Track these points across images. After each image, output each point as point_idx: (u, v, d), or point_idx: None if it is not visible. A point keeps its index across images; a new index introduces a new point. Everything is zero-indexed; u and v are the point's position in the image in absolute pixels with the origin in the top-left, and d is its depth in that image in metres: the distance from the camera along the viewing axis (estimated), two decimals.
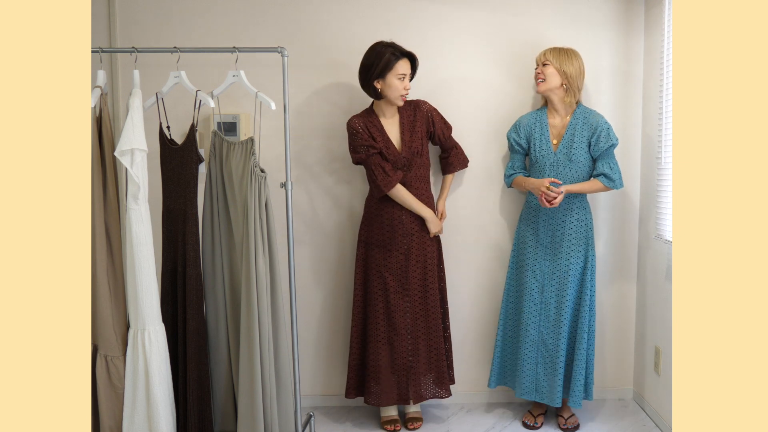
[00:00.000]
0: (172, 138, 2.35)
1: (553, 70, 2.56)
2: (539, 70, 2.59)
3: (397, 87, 2.50)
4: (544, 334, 2.64)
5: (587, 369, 2.65)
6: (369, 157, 2.56)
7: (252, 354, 2.20)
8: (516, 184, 2.74)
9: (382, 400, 2.64)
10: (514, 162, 2.75)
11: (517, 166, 2.74)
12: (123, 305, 2.21)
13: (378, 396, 2.64)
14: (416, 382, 2.65)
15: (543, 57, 2.59)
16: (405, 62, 2.51)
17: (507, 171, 2.78)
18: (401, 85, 2.51)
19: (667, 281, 2.63)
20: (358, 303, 2.70)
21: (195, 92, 2.27)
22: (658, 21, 2.71)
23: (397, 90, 2.51)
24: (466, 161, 2.78)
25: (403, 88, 2.52)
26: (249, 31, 2.83)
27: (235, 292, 2.34)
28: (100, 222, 2.15)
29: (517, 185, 2.73)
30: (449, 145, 2.73)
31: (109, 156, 2.16)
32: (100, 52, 2.21)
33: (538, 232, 2.65)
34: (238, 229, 2.28)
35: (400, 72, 2.49)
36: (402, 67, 2.50)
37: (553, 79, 2.57)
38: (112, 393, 2.19)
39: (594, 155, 2.61)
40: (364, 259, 2.68)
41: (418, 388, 2.66)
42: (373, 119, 2.60)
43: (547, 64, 2.57)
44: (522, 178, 2.68)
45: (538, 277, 2.65)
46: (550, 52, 2.58)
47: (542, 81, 2.58)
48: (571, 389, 2.61)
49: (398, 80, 2.50)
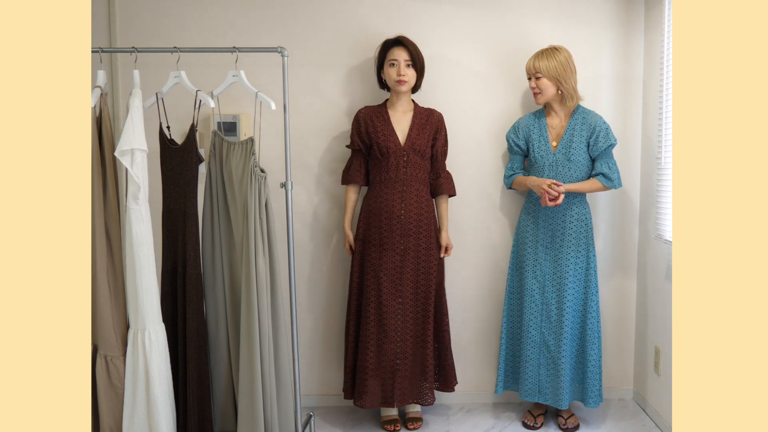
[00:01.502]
0: (172, 138, 2.35)
1: (546, 81, 2.56)
2: (534, 85, 2.58)
3: (390, 74, 2.60)
4: (545, 335, 2.64)
5: (600, 370, 2.65)
6: (353, 150, 2.74)
7: (252, 354, 2.20)
8: (516, 184, 2.74)
9: (366, 402, 2.62)
10: (514, 163, 2.75)
11: (516, 167, 2.75)
12: (123, 305, 2.21)
13: (363, 398, 2.62)
14: (402, 384, 2.64)
15: (533, 69, 2.56)
16: (396, 49, 2.59)
17: (507, 172, 2.78)
18: (394, 71, 2.59)
19: (667, 281, 2.63)
20: (352, 303, 2.70)
21: (195, 92, 2.27)
22: (658, 21, 2.71)
23: (391, 76, 2.59)
24: (454, 188, 2.75)
25: (396, 74, 2.58)
26: (249, 31, 2.83)
27: (235, 292, 2.34)
28: (100, 222, 2.15)
29: (518, 185, 2.73)
30: (440, 166, 2.72)
31: (109, 156, 2.16)
32: (100, 52, 2.21)
33: (538, 233, 2.65)
34: (238, 229, 2.28)
35: (391, 58, 2.59)
36: (392, 53, 2.59)
37: (549, 89, 2.57)
38: (112, 393, 2.19)
39: (593, 155, 2.61)
40: (360, 258, 2.68)
41: (404, 391, 2.64)
42: (381, 111, 2.67)
43: (539, 77, 2.56)
44: (522, 178, 2.68)
45: (539, 278, 2.65)
46: (538, 63, 2.55)
47: (539, 94, 2.58)
48: (587, 390, 2.62)
49: (390, 66, 2.59)
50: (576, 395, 2.70)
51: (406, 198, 2.61)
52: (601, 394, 2.66)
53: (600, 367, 2.64)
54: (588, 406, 2.64)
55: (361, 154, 2.70)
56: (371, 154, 2.67)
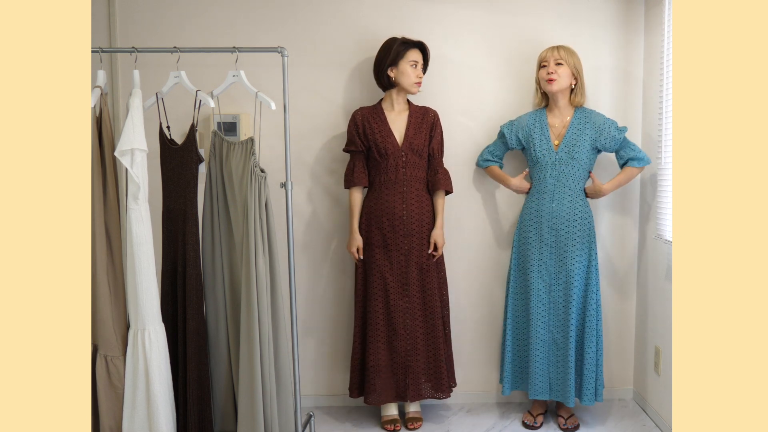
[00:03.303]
0: (172, 138, 2.35)
1: (566, 69, 2.56)
2: (552, 70, 2.56)
3: (409, 74, 2.58)
4: (554, 333, 2.64)
5: (597, 369, 2.65)
6: (352, 153, 2.70)
7: (252, 354, 2.20)
8: (492, 174, 2.79)
9: (381, 398, 2.65)
10: (496, 149, 2.78)
11: (496, 153, 2.78)
12: (123, 305, 2.21)
13: (377, 395, 2.64)
14: (415, 381, 2.65)
15: (556, 55, 2.55)
16: (416, 51, 2.60)
17: (485, 155, 2.80)
18: (414, 72, 2.59)
19: (667, 281, 2.63)
20: (358, 304, 2.70)
21: (195, 92, 2.27)
22: (658, 21, 2.71)
23: (410, 77, 2.59)
24: (451, 185, 2.73)
25: (416, 76, 2.59)
26: (249, 31, 2.83)
27: (235, 292, 2.34)
28: (100, 222, 2.15)
29: (493, 176, 2.79)
30: (437, 163, 2.71)
31: (109, 156, 2.16)
32: (100, 52, 2.21)
33: (542, 232, 2.64)
34: (238, 229, 2.28)
35: (412, 59, 2.58)
36: (413, 55, 2.59)
37: (566, 78, 2.57)
38: (112, 393, 2.19)
39: (612, 149, 2.64)
40: (364, 259, 2.68)
41: (417, 387, 2.66)
42: (377, 112, 2.65)
43: (561, 64, 2.55)
44: (500, 173, 2.76)
45: (545, 277, 2.64)
46: (563, 51, 2.56)
47: (555, 81, 2.55)
48: (584, 388, 2.62)
49: (411, 67, 2.58)
50: (575, 392, 2.69)
51: (407, 199, 2.61)
52: (598, 392, 2.66)
53: (596, 365, 2.64)
54: (583, 403, 2.64)
55: (362, 156, 2.68)
56: (370, 155, 2.67)
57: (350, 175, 2.68)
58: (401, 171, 2.61)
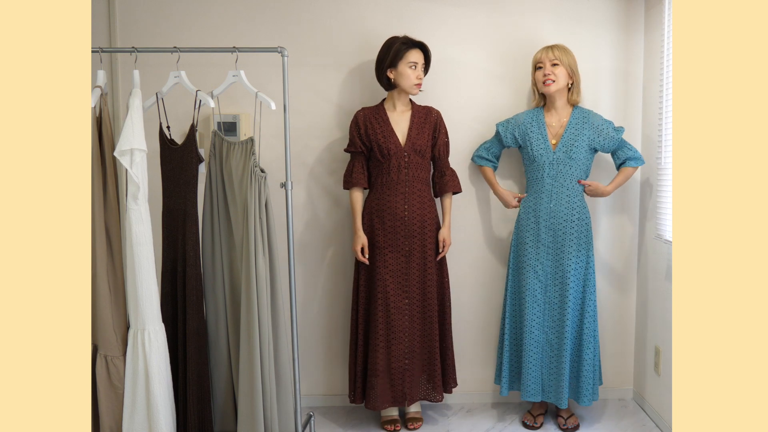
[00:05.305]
0: (172, 138, 2.35)
1: (563, 69, 2.56)
2: (549, 72, 2.57)
3: (408, 75, 2.56)
4: (548, 334, 2.64)
5: (594, 370, 2.65)
6: (352, 153, 2.69)
7: (252, 354, 2.20)
8: (484, 175, 2.82)
9: (378, 403, 2.63)
10: (492, 146, 2.78)
11: (492, 151, 2.79)
12: (123, 305, 2.21)
13: (375, 399, 2.62)
14: (412, 383, 2.64)
15: (551, 56, 2.56)
16: (416, 52, 2.57)
17: (480, 151, 2.80)
18: (413, 73, 2.56)
19: (667, 281, 2.63)
20: (359, 306, 2.69)
21: (195, 92, 2.27)
22: (658, 21, 2.71)
23: (409, 78, 2.56)
24: (459, 185, 2.73)
25: (416, 77, 2.57)
26: (249, 31, 2.83)
27: (235, 292, 2.34)
28: (100, 222, 2.15)
29: (485, 177, 2.82)
30: (444, 164, 2.72)
31: (109, 156, 2.16)
32: (100, 52, 2.21)
33: (539, 233, 2.64)
34: (238, 229, 2.28)
35: (411, 60, 2.55)
36: (413, 55, 2.56)
37: (563, 78, 2.58)
38: (112, 393, 2.19)
39: (609, 150, 2.65)
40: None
41: (414, 390, 2.65)
42: (380, 112, 2.64)
43: (557, 64, 2.56)
44: (491, 177, 2.78)
45: (541, 278, 2.65)
46: (557, 50, 2.57)
47: (552, 82, 2.56)
48: (581, 389, 2.62)
49: (409, 68, 2.56)
50: (571, 393, 2.69)
51: (409, 199, 2.60)
52: (595, 393, 2.66)
53: (594, 366, 2.64)
54: (581, 404, 2.64)
55: (363, 156, 2.67)
56: (371, 156, 2.66)
57: (349, 175, 2.68)
58: (404, 171, 2.61)
